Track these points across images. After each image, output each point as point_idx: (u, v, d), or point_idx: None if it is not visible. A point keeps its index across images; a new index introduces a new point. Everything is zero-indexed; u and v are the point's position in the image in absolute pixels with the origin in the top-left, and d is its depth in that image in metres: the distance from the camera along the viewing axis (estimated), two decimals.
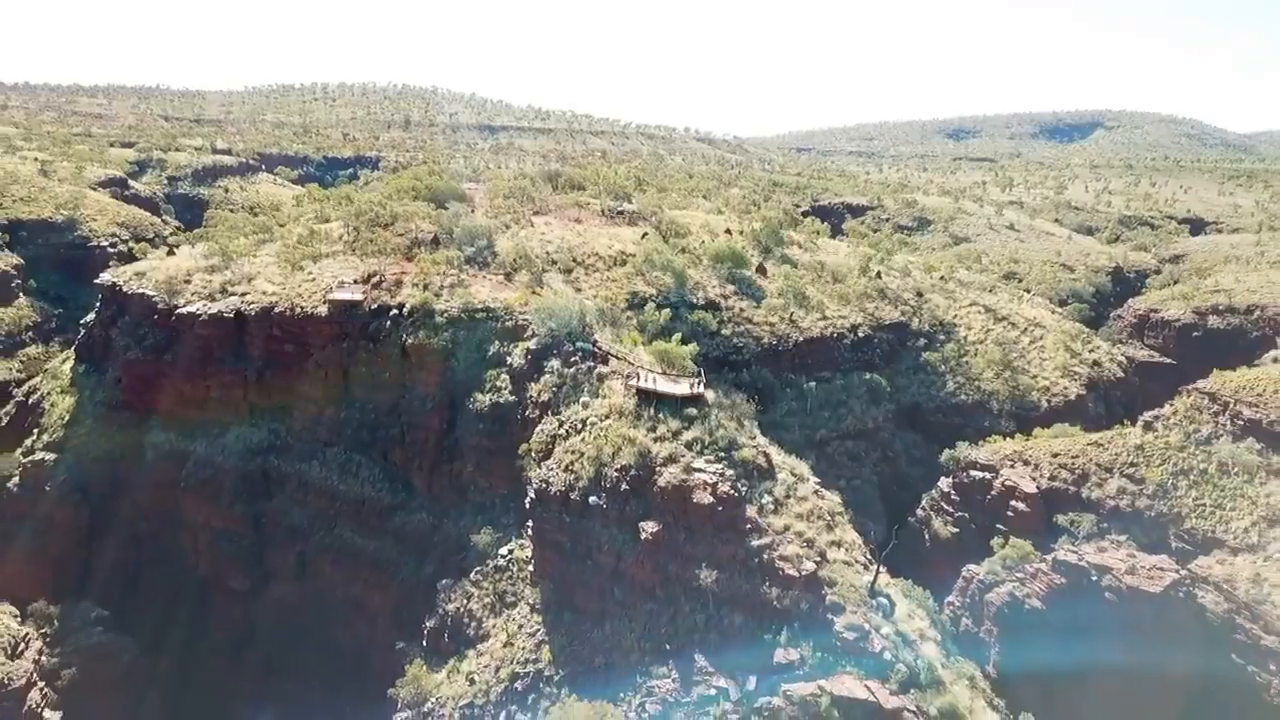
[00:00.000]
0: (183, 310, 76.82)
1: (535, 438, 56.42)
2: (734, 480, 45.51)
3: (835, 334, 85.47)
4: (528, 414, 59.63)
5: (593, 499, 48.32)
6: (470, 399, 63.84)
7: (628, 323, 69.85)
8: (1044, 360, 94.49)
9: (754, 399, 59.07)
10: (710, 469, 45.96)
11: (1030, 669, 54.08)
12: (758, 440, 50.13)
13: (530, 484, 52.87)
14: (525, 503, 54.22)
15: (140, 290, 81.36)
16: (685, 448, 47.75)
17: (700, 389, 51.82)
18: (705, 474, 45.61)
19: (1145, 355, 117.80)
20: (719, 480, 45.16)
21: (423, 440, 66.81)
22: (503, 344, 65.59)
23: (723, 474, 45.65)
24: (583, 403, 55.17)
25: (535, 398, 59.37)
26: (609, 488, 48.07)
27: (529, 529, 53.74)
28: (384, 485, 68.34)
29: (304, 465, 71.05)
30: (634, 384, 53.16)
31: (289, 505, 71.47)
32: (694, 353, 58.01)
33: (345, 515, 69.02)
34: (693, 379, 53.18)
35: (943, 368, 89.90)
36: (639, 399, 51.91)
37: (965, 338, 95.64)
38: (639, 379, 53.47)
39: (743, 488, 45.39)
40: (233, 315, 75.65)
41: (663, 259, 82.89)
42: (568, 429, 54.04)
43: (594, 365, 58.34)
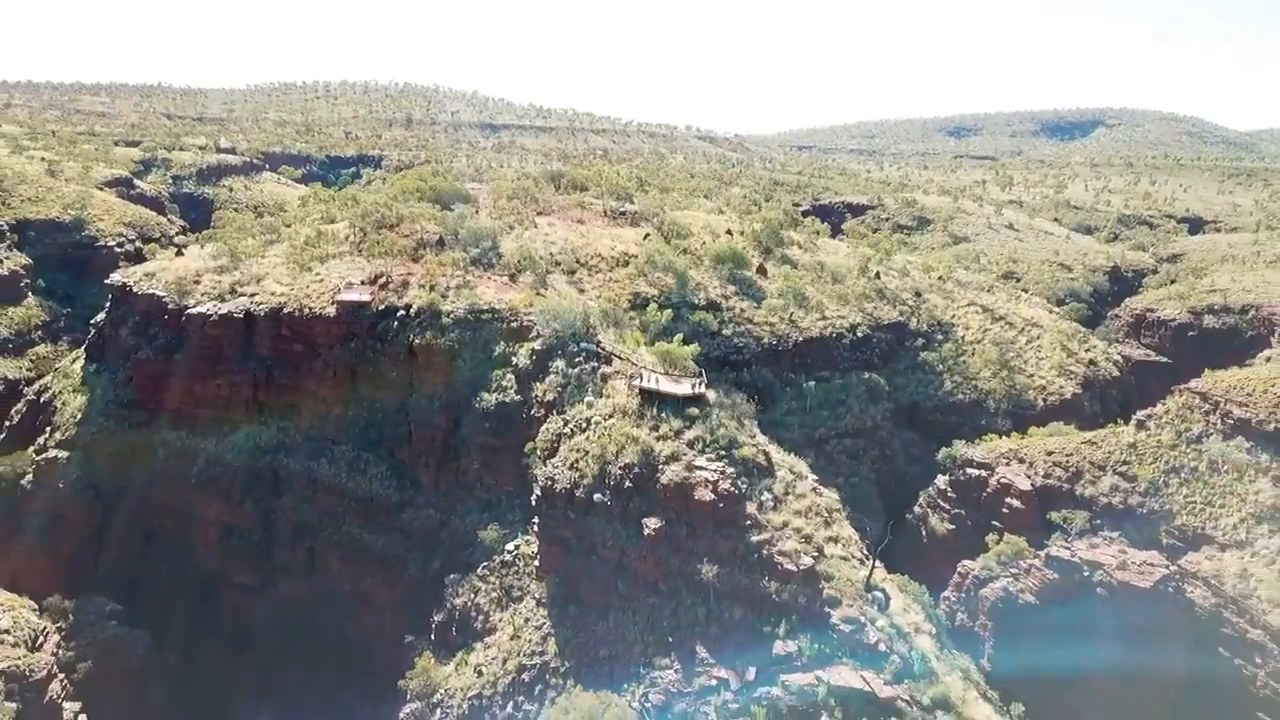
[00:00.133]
0: (193, 311, 78.07)
1: (541, 436, 57.84)
2: (734, 478, 46.88)
3: (834, 334, 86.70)
4: (533, 413, 61.03)
5: (597, 496, 49.74)
6: (476, 398, 65.23)
7: (630, 323, 71.05)
8: (1040, 360, 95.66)
9: (754, 398, 60.47)
10: (711, 467, 47.35)
11: (1024, 662, 55.41)
12: (757, 439, 51.50)
13: (536, 481, 54.30)
14: (531, 499, 55.65)
15: (150, 291, 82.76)
16: (687, 446, 49.18)
17: (702, 389, 53.21)
18: (706, 472, 47.00)
19: (1142, 354, 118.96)
20: (720, 478, 46.52)
21: (430, 438, 68.18)
22: (508, 344, 67.01)
23: (723, 472, 47.03)
24: (587, 402, 56.57)
25: (540, 397, 60.75)
26: (613, 485, 49.50)
27: (535, 525, 55.17)
28: (391, 482, 69.64)
29: (312, 463, 72.35)
30: (637, 384, 54.60)
31: (298, 502, 72.75)
32: (695, 353, 59.46)
33: (353, 512, 70.32)
34: (694, 379, 54.57)
35: (940, 367, 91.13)
36: (642, 399, 53.36)
37: (963, 337, 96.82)
38: (642, 379, 54.89)
39: (743, 485, 46.78)
40: (242, 315, 76.95)
41: (664, 260, 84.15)
42: (572, 428, 55.44)
43: (598, 366, 59.72)
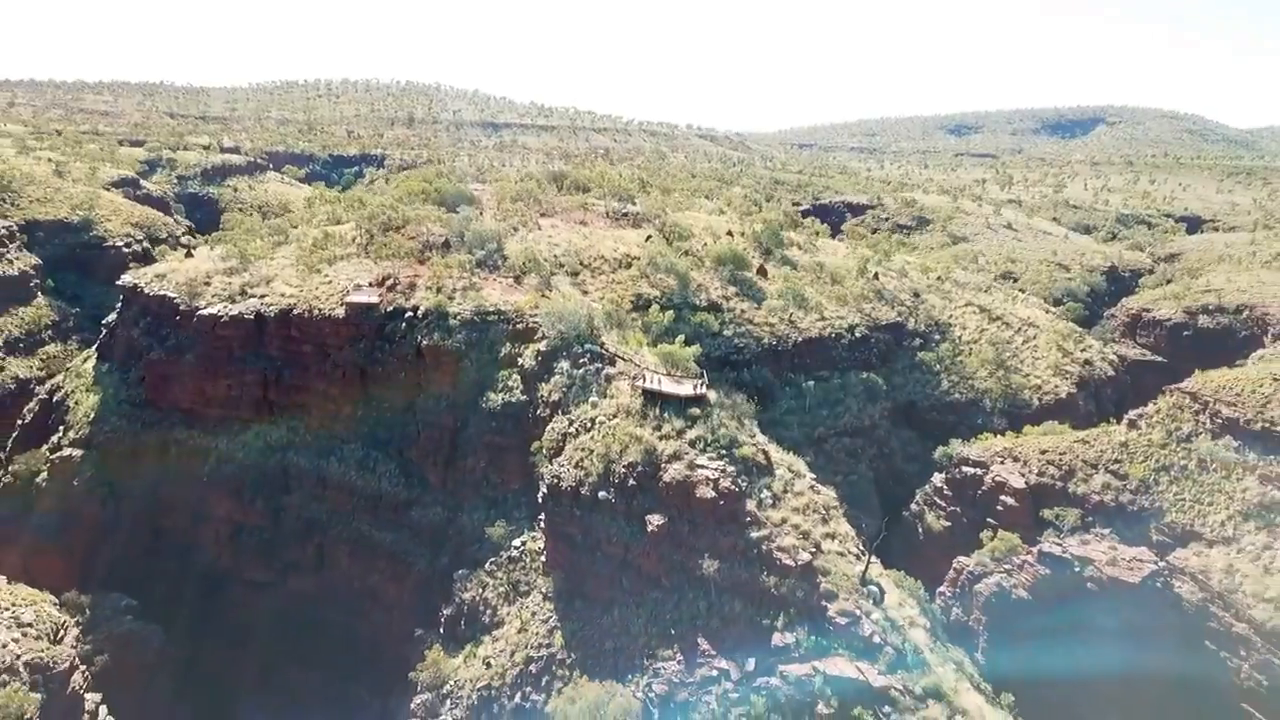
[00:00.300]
0: (204, 312, 79.61)
1: (547, 436, 59.36)
2: (734, 476, 48.38)
3: (833, 334, 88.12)
4: (539, 413, 62.58)
5: (602, 494, 51.28)
6: (483, 398, 66.84)
7: (633, 324, 72.50)
8: (1036, 359, 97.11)
9: (754, 398, 61.99)
10: (712, 466, 48.87)
11: (1017, 655, 56.95)
12: (757, 438, 53.00)
13: (543, 479, 55.85)
14: (537, 497, 57.22)
15: (161, 292, 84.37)
16: (689, 446, 50.69)
17: (703, 390, 54.69)
18: (708, 470, 48.52)
19: (1138, 354, 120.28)
20: (720, 476, 48.02)
21: (437, 437, 69.69)
22: (514, 345, 68.57)
23: (724, 470, 48.54)
24: (591, 402, 58.06)
25: (546, 397, 62.27)
26: (617, 483, 51.05)
27: (541, 522, 56.76)
28: (400, 480, 71.20)
29: (322, 461, 73.88)
30: (640, 385, 56.07)
31: (307, 500, 74.29)
32: (696, 354, 60.88)
33: (362, 509, 71.88)
34: (696, 380, 56.03)
35: (938, 367, 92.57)
36: (645, 399, 54.86)
37: (960, 337, 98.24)
38: (645, 380, 56.39)
39: (743, 483, 48.28)
40: (252, 317, 78.51)
41: (666, 262, 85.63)
42: (577, 427, 56.94)
43: (601, 367, 61.19)
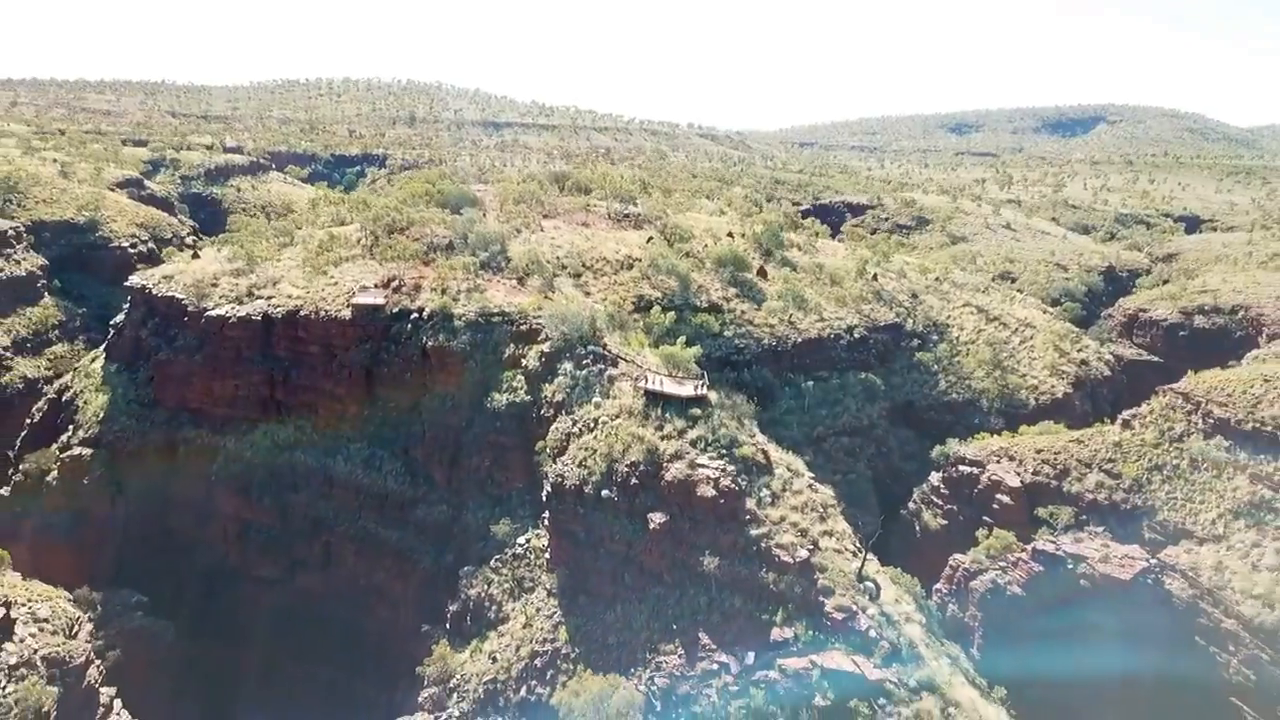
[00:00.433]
0: (212, 313, 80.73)
1: (551, 435, 60.55)
2: (735, 475, 49.58)
3: (832, 335, 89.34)
4: (542, 413, 63.76)
5: (605, 492, 52.48)
6: (487, 398, 67.97)
7: (635, 325, 73.67)
8: (1033, 359, 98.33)
9: (754, 398, 63.16)
10: (713, 465, 50.07)
11: (1011, 650, 58.13)
12: (757, 438, 54.20)
13: (547, 478, 57.05)
14: (541, 495, 58.45)
15: (170, 293, 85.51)
16: (690, 445, 51.88)
17: (704, 391, 55.85)
18: (708, 469, 49.71)
19: (1134, 354, 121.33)
20: (721, 475, 49.21)
21: (442, 437, 70.82)
22: (518, 346, 69.67)
23: (724, 469, 49.73)
24: (594, 403, 59.24)
25: (550, 398, 63.45)
26: (620, 482, 52.26)
27: (545, 520, 57.93)
28: (405, 479, 72.33)
29: (329, 460, 75.00)
30: (642, 386, 57.26)
31: (314, 498, 75.41)
32: (697, 355, 62.05)
33: (368, 508, 73.02)
34: (697, 381, 57.19)
35: (935, 367, 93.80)
36: (647, 400, 56.04)
37: (957, 338, 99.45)
38: (647, 381, 57.58)
39: (743, 482, 49.48)
40: (260, 318, 79.57)
41: (667, 263, 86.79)
42: (581, 427, 58.14)
43: (604, 368, 62.37)
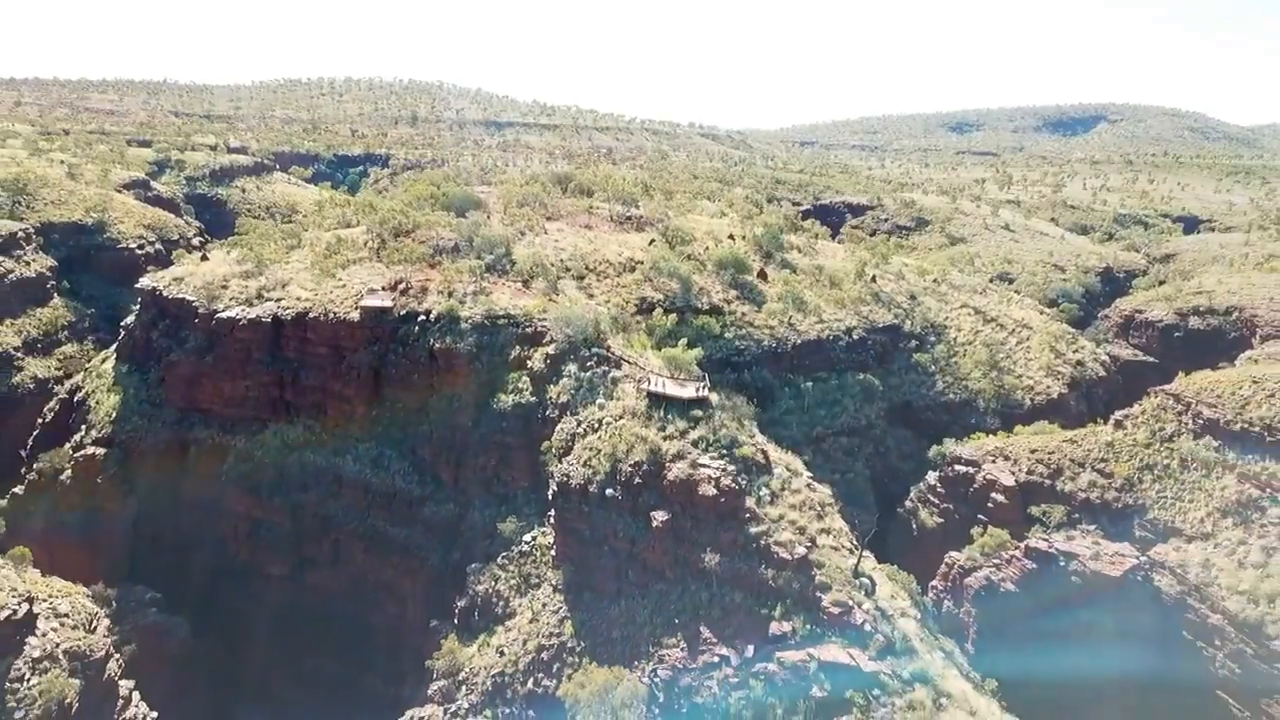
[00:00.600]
0: (222, 315, 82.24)
1: (556, 436, 62.10)
2: (735, 475, 51.15)
3: (831, 336, 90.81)
4: (547, 414, 65.30)
5: (609, 491, 54.06)
6: (493, 399, 69.48)
7: (637, 327, 75.25)
8: (1029, 360, 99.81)
9: (754, 399, 64.78)
10: (714, 465, 51.65)
11: (1005, 646, 59.68)
12: (757, 438, 55.76)
13: (552, 477, 58.62)
14: (546, 494, 60.02)
15: (180, 295, 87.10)
16: (692, 445, 53.47)
17: (705, 392, 57.40)
18: (709, 469, 51.30)
19: (1130, 355, 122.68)
20: (721, 475, 50.79)
21: (449, 437, 72.31)
22: (523, 348, 71.21)
23: (725, 469, 51.30)
24: (598, 404, 60.83)
25: (555, 399, 65.01)
26: (623, 481, 53.84)
27: (551, 518, 59.52)
28: (413, 478, 73.83)
29: (338, 460, 76.50)
30: (645, 387, 58.84)
31: (324, 497, 76.86)
32: (699, 356, 63.62)
33: (376, 506, 74.50)
34: (698, 383, 58.76)
35: (933, 368, 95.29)
36: (649, 401, 57.63)
37: (955, 339, 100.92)
38: (649, 383, 59.18)
39: (743, 481, 51.06)
40: (269, 320, 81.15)
41: (669, 266, 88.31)
42: (585, 428, 59.70)
43: (608, 369, 63.93)
